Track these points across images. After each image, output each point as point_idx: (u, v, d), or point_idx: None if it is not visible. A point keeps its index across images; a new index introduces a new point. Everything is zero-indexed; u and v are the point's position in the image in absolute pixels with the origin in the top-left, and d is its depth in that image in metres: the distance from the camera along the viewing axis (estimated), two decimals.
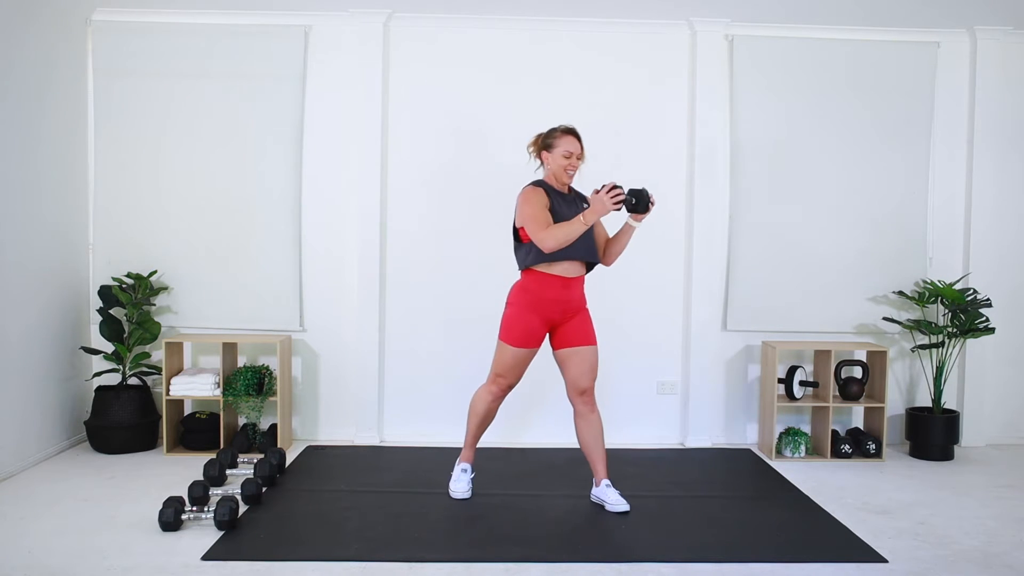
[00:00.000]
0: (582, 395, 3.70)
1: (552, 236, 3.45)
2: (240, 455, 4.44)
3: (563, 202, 3.65)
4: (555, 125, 3.72)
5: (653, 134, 4.93)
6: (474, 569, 3.08)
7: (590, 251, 3.65)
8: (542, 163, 3.72)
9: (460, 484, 3.89)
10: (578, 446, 3.82)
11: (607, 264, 3.80)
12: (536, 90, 4.89)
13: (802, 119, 4.94)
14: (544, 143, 3.69)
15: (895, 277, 4.99)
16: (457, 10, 4.77)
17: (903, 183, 4.98)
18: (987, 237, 4.99)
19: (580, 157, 3.66)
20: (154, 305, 4.83)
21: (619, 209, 3.44)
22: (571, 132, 3.66)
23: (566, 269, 3.61)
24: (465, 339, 4.90)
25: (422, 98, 4.90)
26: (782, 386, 4.81)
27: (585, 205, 3.67)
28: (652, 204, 3.53)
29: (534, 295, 3.63)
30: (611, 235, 3.77)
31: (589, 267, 3.74)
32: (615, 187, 3.41)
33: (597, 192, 3.43)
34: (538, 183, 3.68)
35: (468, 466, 3.94)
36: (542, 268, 3.61)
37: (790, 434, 4.73)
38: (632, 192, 3.48)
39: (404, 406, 4.94)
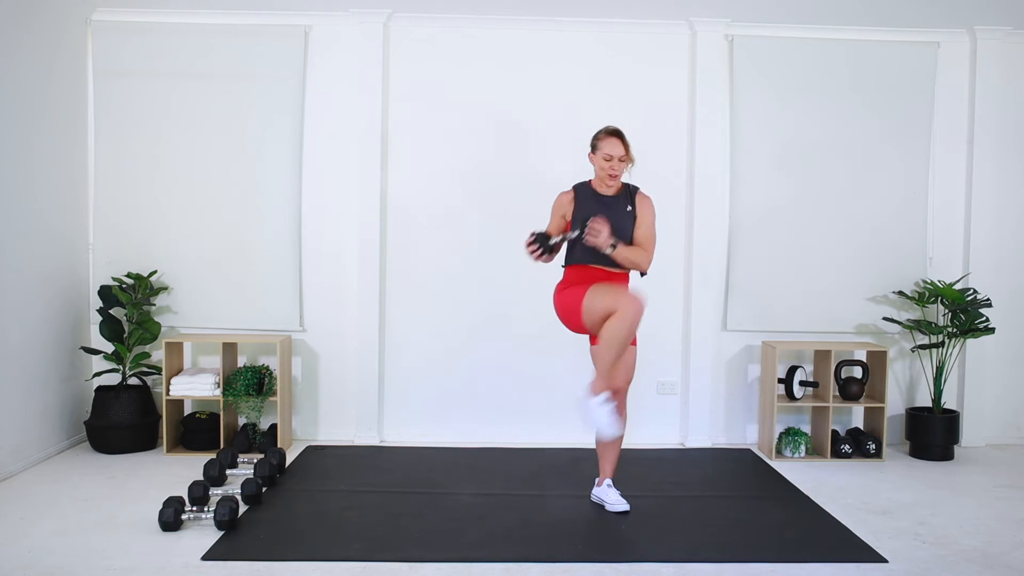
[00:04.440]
0: (614, 394, 3.67)
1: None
2: (240, 455, 4.43)
3: (600, 204, 3.60)
4: (602, 126, 3.68)
5: (653, 133, 4.91)
6: (474, 569, 3.08)
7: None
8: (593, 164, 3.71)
9: (605, 408, 3.41)
10: (578, 446, 3.81)
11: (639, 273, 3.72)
12: (536, 90, 4.89)
13: (802, 119, 4.94)
14: (591, 144, 3.68)
15: (895, 277, 4.99)
16: (457, 10, 4.77)
17: (903, 183, 4.98)
18: (987, 237, 4.99)
19: (624, 159, 3.59)
20: (154, 305, 4.83)
21: (540, 258, 3.41)
22: (614, 134, 3.62)
23: (606, 266, 3.59)
24: (465, 339, 4.91)
25: (422, 98, 4.89)
26: (782, 386, 4.81)
27: (629, 208, 3.64)
28: (559, 243, 3.44)
29: (579, 276, 3.58)
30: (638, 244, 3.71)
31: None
32: (530, 240, 3.40)
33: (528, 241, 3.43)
34: (578, 185, 3.70)
35: (608, 394, 3.49)
36: (584, 264, 3.60)
37: (790, 434, 4.72)
38: (537, 237, 3.43)
39: (404, 406, 4.94)
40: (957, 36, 4.98)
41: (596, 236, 3.40)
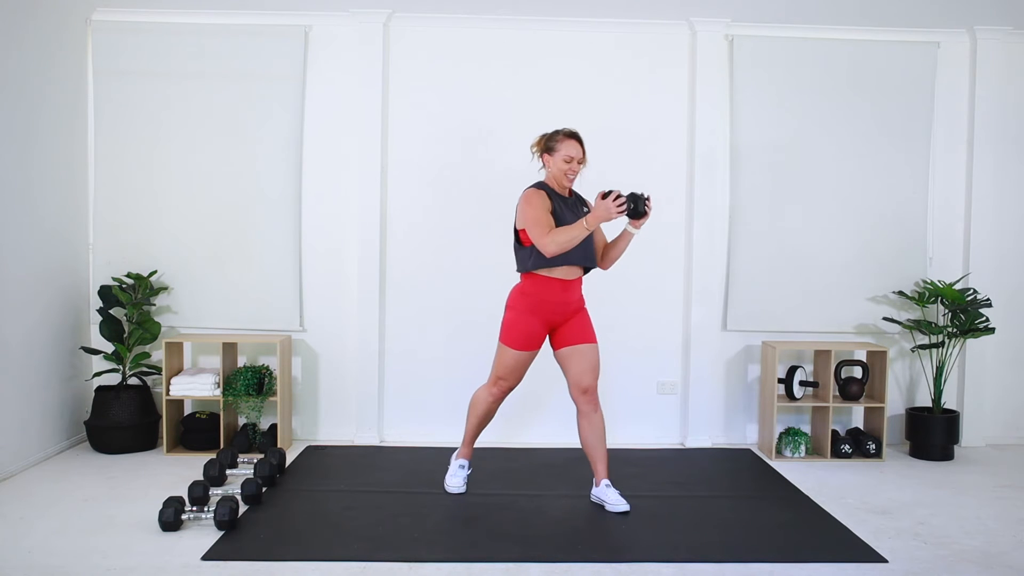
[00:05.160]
0: (584, 393, 3.69)
1: (554, 241, 3.45)
2: (240, 455, 4.44)
3: (564, 205, 3.64)
4: (558, 128, 3.70)
5: (653, 134, 4.92)
6: (474, 569, 3.08)
7: (588, 256, 3.65)
8: (544, 165, 3.72)
9: (456, 479, 3.94)
10: (578, 446, 3.82)
11: (604, 268, 3.80)
12: (536, 90, 4.89)
13: (802, 119, 4.94)
14: (546, 145, 3.67)
15: (895, 277, 4.99)
16: (457, 10, 4.77)
17: (903, 183, 4.98)
18: (987, 237, 4.99)
19: (581, 161, 3.64)
20: (154, 305, 4.83)
21: (623, 214, 3.44)
22: (573, 136, 3.64)
23: (565, 272, 3.62)
24: (465, 339, 4.91)
25: (422, 98, 4.89)
26: (782, 386, 4.81)
27: (586, 209, 3.67)
28: (649, 209, 3.51)
29: (533, 298, 3.64)
30: (609, 240, 3.77)
31: (587, 269, 3.74)
32: (620, 195, 3.41)
33: (602, 197, 3.41)
34: (540, 185, 3.68)
35: (466, 462, 3.98)
36: (542, 272, 3.60)
37: (790, 434, 4.73)
38: (630, 197, 3.47)
39: (404, 406, 4.94)
40: (957, 36, 4.98)
41: (652, 208, 3.54)
